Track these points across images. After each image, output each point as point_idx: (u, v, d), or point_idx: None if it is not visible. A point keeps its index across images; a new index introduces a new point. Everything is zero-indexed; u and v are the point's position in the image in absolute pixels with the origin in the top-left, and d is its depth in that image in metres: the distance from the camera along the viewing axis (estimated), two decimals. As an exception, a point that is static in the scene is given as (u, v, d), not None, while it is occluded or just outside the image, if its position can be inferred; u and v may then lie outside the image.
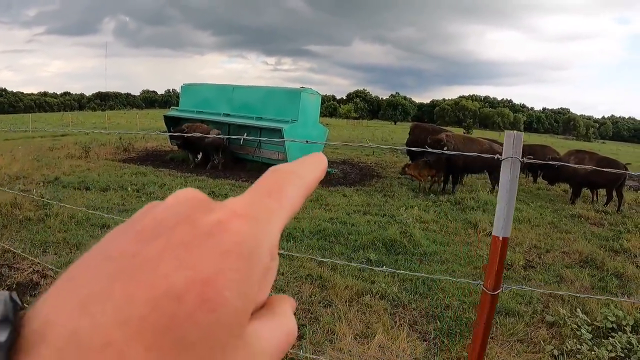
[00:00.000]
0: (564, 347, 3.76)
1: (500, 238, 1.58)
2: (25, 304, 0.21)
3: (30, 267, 4.81)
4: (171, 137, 14.25)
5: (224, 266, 0.22)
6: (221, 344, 0.21)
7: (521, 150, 1.56)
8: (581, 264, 6.21)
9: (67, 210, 6.86)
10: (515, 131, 1.61)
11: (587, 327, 4.10)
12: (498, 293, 1.67)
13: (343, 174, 13.57)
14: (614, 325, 4.22)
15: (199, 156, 13.53)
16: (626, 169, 11.31)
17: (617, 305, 4.65)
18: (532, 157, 14.13)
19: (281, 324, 0.26)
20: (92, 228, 6.26)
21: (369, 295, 4.49)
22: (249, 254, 0.23)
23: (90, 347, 0.19)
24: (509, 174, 1.61)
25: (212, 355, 0.21)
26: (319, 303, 4.19)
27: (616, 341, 3.88)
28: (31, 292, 4.14)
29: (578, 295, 4.71)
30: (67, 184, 9.27)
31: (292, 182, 0.28)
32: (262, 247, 0.24)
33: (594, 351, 3.73)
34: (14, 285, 4.27)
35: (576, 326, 4.09)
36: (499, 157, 1.59)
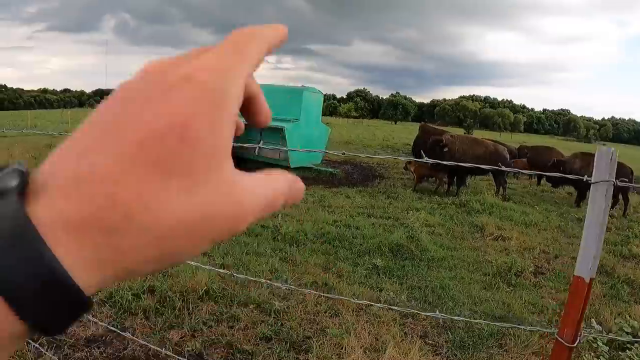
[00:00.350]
0: (581, 361, 3.59)
1: (587, 279, 1.32)
2: None
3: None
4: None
5: (196, 110, 0.25)
6: (204, 175, 0.25)
7: (615, 171, 1.30)
8: (591, 270, 6.04)
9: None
10: (608, 147, 1.33)
11: (602, 338, 3.92)
12: (576, 346, 1.44)
13: (345, 175, 13.37)
14: (631, 337, 4.05)
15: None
16: (632, 173, 11.18)
17: (632, 314, 4.49)
18: (536, 158, 14.04)
19: (272, 181, 0.30)
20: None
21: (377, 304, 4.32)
22: (218, 99, 0.26)
23: (90, 180, 0.23)
24: (603, 202, 1.31)
25: (198, 183, 0.25)
26: (325, 313, 4.01)
27: (634, 354, 3.71)
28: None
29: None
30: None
31: (253, 39, 0.30)
32: (229, 94, 0.27)
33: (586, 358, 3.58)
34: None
35: (592, 338, 3.92)
36: (589, 179, 1.35)
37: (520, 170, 2.63)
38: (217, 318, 3.79)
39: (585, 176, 1.40)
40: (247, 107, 0.34)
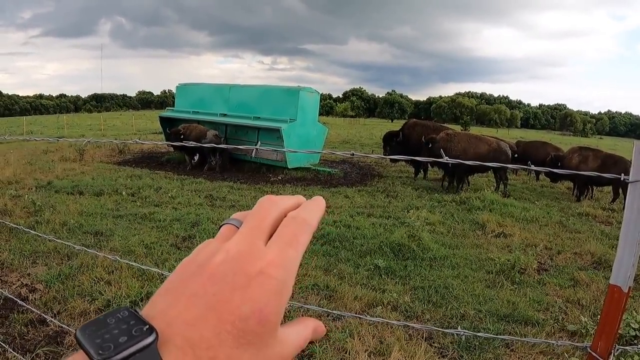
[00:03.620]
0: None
1: (625, 289, 1.17)
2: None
3: (18, 279, 4.55)
4: (167, 139, 13.95)
5: (269, 301, 0.34)
6: (267, 343, 0.34)
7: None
8: (594, 265, 6.00)
9: (58, 217, 6.59)
10: None
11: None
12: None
13: (343, 174, 13.29)
14: (637, 333, 3.98)
15: (196, 157, 13.25)
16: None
17: (638, 310, 4.42)
18: (534, 155, 13.98)
19: (305, 326, 0.40)
20: (85, 235, 5.98)
21: (380, 306, 4.23)
22: (282, 291, 0.35)
23: (200, 347, 0.32)
24: None
25: (262, 348, 0.34)
26: (328, 316, 3.92)
27: (635, 352, 3.63)
28: (19, 308, 3.86)
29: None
30: (60, 189, 8.97)
31: (304, 231, 0.39)
32: (289, 286, 0.36)
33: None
34: (1, 301, 3.99)
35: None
36: (626, 178, 1.23)
37: (535, 168, 2.47)
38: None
39: (623, 175, 1.30)
40: None
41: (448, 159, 1.37)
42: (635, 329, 3.99)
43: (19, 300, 3.49)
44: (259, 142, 12.38)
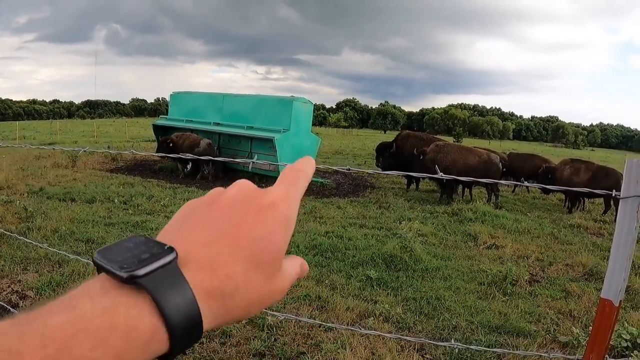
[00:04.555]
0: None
1: (616, 303, 1.17)
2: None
3: (9, 286, 4.51)
4: (159, 149, 13.89)
5: (278, 228, 0.39)
6: (278, 268, 0.39)
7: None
8: (586, 277, 6.01)
9: (50, 224, 6.54)
10: (637, 159, 1.24)
11: None
12: None
13: (336, 185, 13.29)
14: (629, 344, 3.99)
15: (189, 166, 13.21)
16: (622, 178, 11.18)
17: (629, 321, 4.44)
18: (523, 167, 14.01)
19: (295, 261, 0.44)
20: (76, 243, 5.94)
21: (372, 317, 4.22)
22: (288, 223, 0.40)
23: (217, 263, 0.36)
24: (634, 219, 1.18)
25: (273, 270, 0.38)
26: (319, 327, 3.91)
27: (630, 362, 3.64)
28: (9, 315, 3.82)
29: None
30: (52, 195, 8.92)
31: (301, 177, 0.45)
32: (293, 217, 0.41)
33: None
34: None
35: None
36: (617, 195, 1.24)
37: (527, 184, 2.44)
38: (208, 334, 3.69)
39: (614, 191, 1.31)
40: None
41: (443, 175, 1.37)
42: (627, 340, 4.01)
43: (9, 307, 3.46)
44: (256, 156, 12.34)
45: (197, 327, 0.34)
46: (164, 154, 10.02)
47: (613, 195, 1.29)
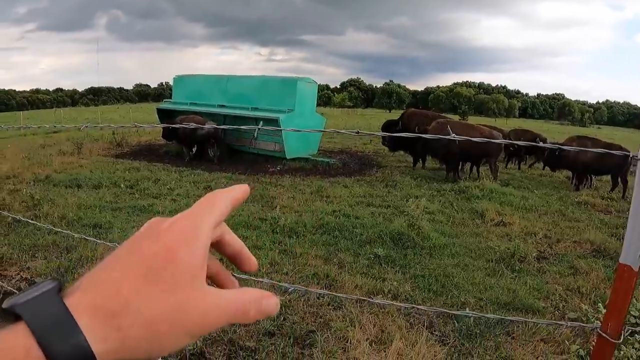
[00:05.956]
0: (590, 346, 3.50)
1: (636, 268, 1.15)
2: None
3: (18, 273, 4.54)
4: (164, 133, 13.87)
5: (178, 244, 0.37)
6: (182, 283, 0.36)
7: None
8: (594, 253, 5.99)
9: (57, 211, 6.57)
10: None
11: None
12: (619, 342, 1.31)
13: (342, 164, 13.27)
14: (638, 320, 3.97)
15: (194, 149, 13.21)
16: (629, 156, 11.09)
17: (638, 298, 4.42)
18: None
19: (247, 293, 0.40)
20: (84, 228, 5.96)
21: (380, 294, 4.23)
22: (193, 234, 0.38)
23: (104, 282, 0.34)
24: None
25: (178, 286, 0.35)
26: (328, 305, 3.92)
27: (642, 336, 3.63)
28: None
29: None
30: (58, 182, 8.94)
31: (222, 198, 0.43)
32: (201, 231, 0.39)
33: (622, 350, 3.48)
34: (1, 296, 3.98)
35: (599, 322, 3.83)
36: (635, 156, 1.18)
37: (543, 145, 2.38)
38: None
39: (631, 153, 1.27)
40: (235, 259, 0.48)
41: (455, 136, 1.35)
42: (636, 317, 3.99)
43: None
44: (261, 122, 12.26)
45: (77, 340, 0.32)
46: (162, 125, 9.94)
47: (631, 156, 1.25)
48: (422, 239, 5.88)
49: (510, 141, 1.45)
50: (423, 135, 1.48)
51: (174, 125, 2.10)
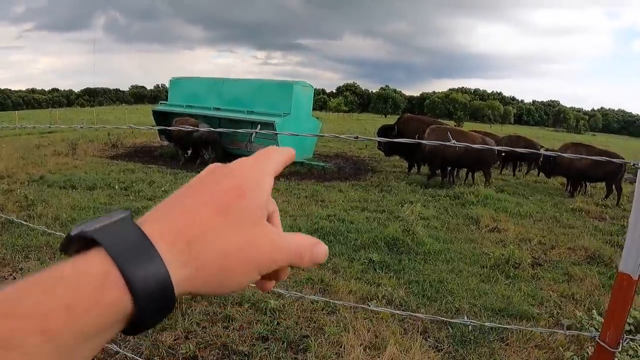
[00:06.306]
0: (584, 353, 3.50)
1: (635, 277, 1.15)
2: None
3: (11, 274, 4.50)
4: (160, 132, 13.83)
5: (246, 180, 0.39)
6: (254, 219, 0.38)
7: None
8: (588, 260, 6.00)
9: (51, 211, 6.53)
10: None
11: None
12: (618, 350, 1.30)
13: (337, 168, 13.27)
14: (632, 327, 3.98)
15: (189, 152, 13.18)
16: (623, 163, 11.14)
17: (633, 305, 4.42)
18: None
19: (305, 238, 0.42)
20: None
21: (375, 300, 4.22)
22: (259, 177, 0.40)
23: (180, 212, 0.36)
24: None
25: (247, 220, 0.37)
26: (322, 310, 3.90)
27: (637, 345, 3.63)
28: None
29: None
30: (53, 183, 8.88)
31: (277, 151, 0.46)
32: (266, 175, 0.41)
33: (616, 356, 3.48)
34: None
35: (594, 329, 3.83)
36: (636, 164, 1.18)
37: (545, 153, 2.38)
38: (211, 319, 3.69)
39: (632, 160, 1.27)
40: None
41: (455, 143, 1.35)
42: (630, 324, 4.00)
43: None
44: (259, 126, 12.27)
45: (157, 266, 0.32)
46: (159, 127, 9.92)
47: (632, 164, 1.25)
48: (416, 245, 5.87)
49: (510, 148, 1.45)
50: (422, 142, 1.48)
51: (168, 128, 2.09)
